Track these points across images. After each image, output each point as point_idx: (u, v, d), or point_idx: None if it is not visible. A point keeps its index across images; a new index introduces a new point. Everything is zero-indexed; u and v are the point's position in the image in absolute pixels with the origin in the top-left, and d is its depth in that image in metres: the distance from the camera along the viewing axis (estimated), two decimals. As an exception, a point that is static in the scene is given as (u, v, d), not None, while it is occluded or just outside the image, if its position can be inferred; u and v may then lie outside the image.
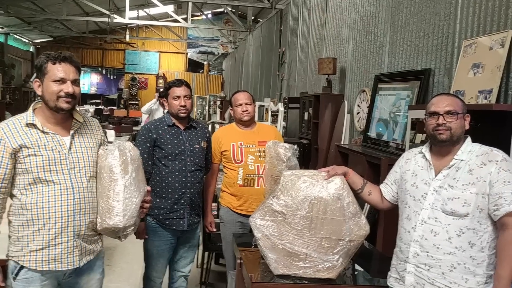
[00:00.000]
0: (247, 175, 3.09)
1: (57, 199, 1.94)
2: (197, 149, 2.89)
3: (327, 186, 2.10)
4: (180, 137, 2.86)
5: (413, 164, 2.03)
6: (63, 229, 1.96)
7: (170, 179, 2.79)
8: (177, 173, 2.80)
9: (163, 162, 2.79)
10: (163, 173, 2.79)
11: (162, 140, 2.81)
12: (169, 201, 2.79)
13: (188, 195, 2.83)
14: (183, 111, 2.85)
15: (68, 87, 1.95)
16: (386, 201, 2.19)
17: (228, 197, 3.19)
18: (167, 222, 2.80)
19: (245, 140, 3.15)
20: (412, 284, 1.91)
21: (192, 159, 2.85)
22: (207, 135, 3.04)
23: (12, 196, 1.97)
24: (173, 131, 2.86)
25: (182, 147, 2.83)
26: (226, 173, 3.21)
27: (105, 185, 2.02)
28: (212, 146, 3.20)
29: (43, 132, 1.96)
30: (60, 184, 1.95)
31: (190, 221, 2.86)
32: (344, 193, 2.09)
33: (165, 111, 3.13)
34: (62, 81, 1.94)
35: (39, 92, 1.98)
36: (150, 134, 2.81)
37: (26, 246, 1.94)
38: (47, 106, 1.97)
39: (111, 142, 2.71)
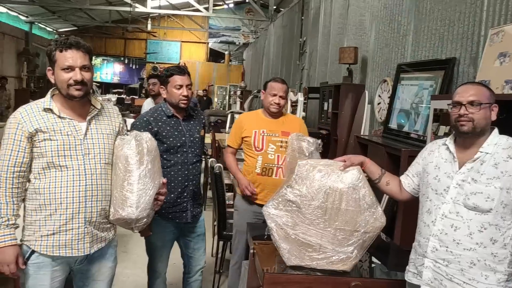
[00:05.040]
0: (265, 164, 3.05)
1: (69, 184, 1.94)
2: (197, 139, 2.81)
3: (342, 176, 2.05)
4: (180, 128, 2.75)
5: (437, 156, 1.95)
6: (74, 215, 1.95)
7: (172, 172, 2.70)
8: (179, 167, 2.72)
9: (164, 156, 2.65)
10: (165, 167, 2.64)
11: (164, 133, 2.69)
12: (172, 195, 2.68)
13: (190, 188, 2.76)
14: (185, 101, 2.71)
15: (76, 75, 1.92)
16: (406, 192, 2.12)
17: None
18: (170, 216, 2.73)
19: (268, 129, 3.10)
20: (430, 279, 1.85)
21: (193, 150, 2.77)
22: (203, 121, 2.96)
23: (28, 180, 1.98)
24: (172, 122, 2.74)
25: (183, 138, 2.74)
26: (245, 161, 3.18)
27: (120, 175, 2.01)
28: (233, 130, 3.15)
29: (59, 117, 1.96)
30: (73, 169, 1.95)
31: (193, 212, 2.81)
32: (360, 183, 2.04)
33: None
34: (70, 68, 1.92)
35: (52, 80, 1.98)
36: (150, 127, 2.67)
37: (38, 230, 1.95)
38: (60, 93, 1.97)
39: (130, 130, 2.70)
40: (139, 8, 12.73)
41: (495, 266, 1.72)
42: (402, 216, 3.02)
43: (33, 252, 1.96)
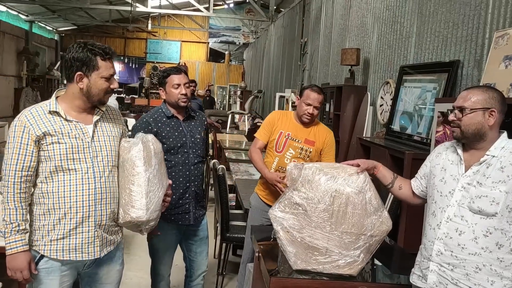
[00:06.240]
0: (279, 167, 3.03)
1: (78, 188, 1.93)
2: (198, 140, 2.79)
3: (349, 179, 2.04)
4: (180, 128, 2.74)
5: (444, 158, 1.94)
6: (84, 219, 1.94)
7: (173, 173, 2.67)
8: (180, 167, 2.70)
9: (165, 156, 2.56)
10: (166, 168, 2.56)
11: (163, 134, 2.67)
12: (174, 197, 2.60)
13: (192, 189, 2.74)
14: (184, 99, 2.70)
15: (115, 83, 2.00)
16: (417, 195, 2.11)
17: (260, 184, 3.18)
18: (172, 218, 2.71)
19: (294, 133, 3.07)
20: (435, 283, 1.84)
21: (194, 150, 2.75)
22: (205, 123, 2.94)
23: (34, 184, 1.96)
24: (172, 123, 2.73)
25: (184, 139, 2.72)
26: (266, 156, 3.16)
27: (128, 178, 2.01)
28: (265, 125, 3.12)
29: (66, 120, 1.94)
30: (82, 172, 1.94)
31: (196, 214, 2.79)
32: (366, 186, 2.03)
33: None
34: (111, 77, 1.98)
35: (80, 85, 1.94)
36: (150, 127, 2.66)
37: (47, 235, 1.93)
38: (88, 99, 1.96)
39: (131, 131, 2.69)
40: (140, 8, 12.71)
41: (501, 272, 1.70)
42: (406, 218, 3.03)
43: (42, 257, 1.94)
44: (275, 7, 12.41)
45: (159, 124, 2.70)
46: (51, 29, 18.80)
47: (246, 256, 3.20)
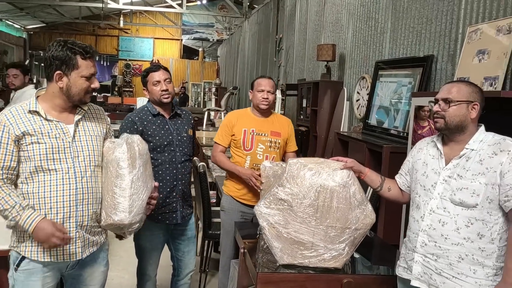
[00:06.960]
0: (254, 164, 3.01)
1: (59, 188, 1.89)
2: (184, 138, 2.78)
3: (333, 174, 2.07)
4: (167, 126, 2.73)
5: (425, 153, 2.00)
6: (65, 219, 1.91)
7: (160, 172, 2.66)
8: (167, 166, 2.69)
9: (151, 155, 2.50)
10: (153, 166, 2.52)
11: (149, 132, 2.66)
12: (161, 195, 2.60)
13: (180, 187, 2.73)
14: (166, 95, 2.69)
15: (96, 83, 1.97)
16: (405, 192, 2.14)
17: (231, 185, 3.11)
18: (159, 217, 2.69)
19: (258, 128, 3.06)
20: (420, 273, 1.89)
21: (181, 149, 2.74)
22: (192, 121, 2.92)
23: (14, 185, 1.92)
24: (158, 121, 2.72)
25: (170, 137, 2.71)
26: (233, 159, 3.13)
27: (112, 180, 1.98)
28: (223, 128, 3.12)
29: (46, 119, 1.91)
30: (62, 172, 1.90)
31: (183, 213, 2.78)
32: (350, 181, 2.07)
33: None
34: (91, 76, 1.94)
35: (60, 84, 1.91)
36: (135, 126, 2.65)
37: (28, 236, 1.90)
38: (68, 98, 1.93)
39: (116, 130, 2.65)
40: (111, 4, 12.51)
41: (483, 261, 1.76)
42: (385, 211, 3.09)
43: (23, 258, 1.91)
44: (248, 3, 12.40)
45: (145, 123, 2.68)
46: (19, 27, 18.33)
47: (225, 258, 3.17)
